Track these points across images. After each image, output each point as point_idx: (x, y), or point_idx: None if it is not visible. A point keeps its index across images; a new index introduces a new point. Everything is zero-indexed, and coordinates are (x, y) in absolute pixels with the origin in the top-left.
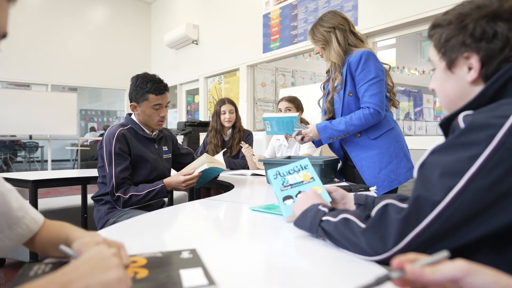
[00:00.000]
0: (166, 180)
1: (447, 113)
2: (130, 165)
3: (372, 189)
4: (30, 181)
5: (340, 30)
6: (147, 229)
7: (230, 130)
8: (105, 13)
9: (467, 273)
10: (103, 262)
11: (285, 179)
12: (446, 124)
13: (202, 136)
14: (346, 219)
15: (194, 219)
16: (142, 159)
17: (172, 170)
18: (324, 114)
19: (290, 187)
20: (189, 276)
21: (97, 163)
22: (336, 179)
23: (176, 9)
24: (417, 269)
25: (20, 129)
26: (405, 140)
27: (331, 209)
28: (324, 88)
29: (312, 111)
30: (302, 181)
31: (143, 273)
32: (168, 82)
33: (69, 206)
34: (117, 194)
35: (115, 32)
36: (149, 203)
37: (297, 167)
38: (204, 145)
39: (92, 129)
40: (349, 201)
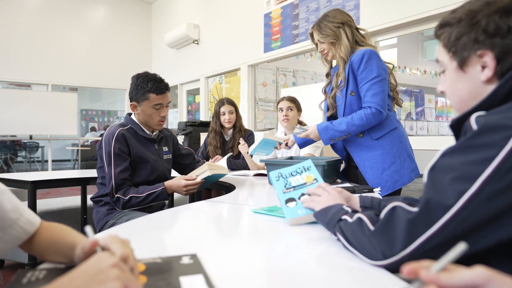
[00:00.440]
0: (167, 183)
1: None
2: (130, 166)
3: (376, 190)
4: (29, 182)
5: (349, 26)
6: (147, 232)
7: (231, 130)
8: (106, 13)
9: (488, 280)
10: (101, 275)
11: (288, 181)
12: (457, 125)
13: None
14: (360, 220)
15: (195, 222)
16: (142, 160)
17: (173, 171)
18: (327, 111)
19: (293, 189)
20: (190, 284)
21: (97, 164)
22: (339, 180)
23: (177, 9)
24: (434, 276)
25: (21, 129)
26: (409, 140)
27: (354, 211)
28: (326, 92)
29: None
30: (305, 183)
31: (142, 280)
32: (169, 82)
33: (69, 207)
34: (117, 196)
35: (116, 32)
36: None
37: (300, 169)
38: (205, 145)
39: (93, 129)
40: (355, 203)
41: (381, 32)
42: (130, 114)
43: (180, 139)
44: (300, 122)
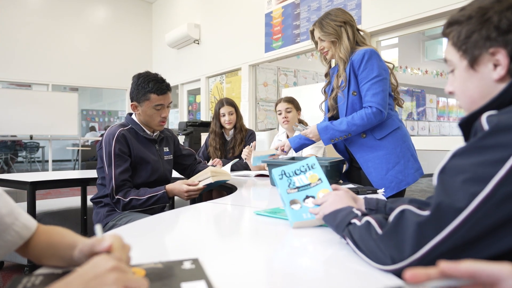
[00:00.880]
0: (169, 187)
1: None
2: (130, 167)
3: (380, 191)
4: (28, 183)
5: (350, 26)
6: (147, 235)
7: (232, 131)
8: (106, 13)
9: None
10: (98, 279)
11: (292, 180)
12: (467, 125)
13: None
14: (368, 223)
15: (196, 224)
16: (143, 161)
17: (173, 172)
18: (328, 112)
19: (297, 190)
20: None
21: (97, 164)
22: (341, 181)
23: (178, 9)
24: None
25: (21, 129)
26: (412, 140)
27: (364, 214)
28: (325, 92)
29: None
30: (310, 184)
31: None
32: (170, 82)
33: (69, 208)
34: (117, 197)
35: (116, 32)
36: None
37: (304, 167)
38: (206, 146)
39: (92, 129)
40: (360, 205)
41: (383, 32)
42: (131, 114)
43: (181, 139)
44: (301, 121)
